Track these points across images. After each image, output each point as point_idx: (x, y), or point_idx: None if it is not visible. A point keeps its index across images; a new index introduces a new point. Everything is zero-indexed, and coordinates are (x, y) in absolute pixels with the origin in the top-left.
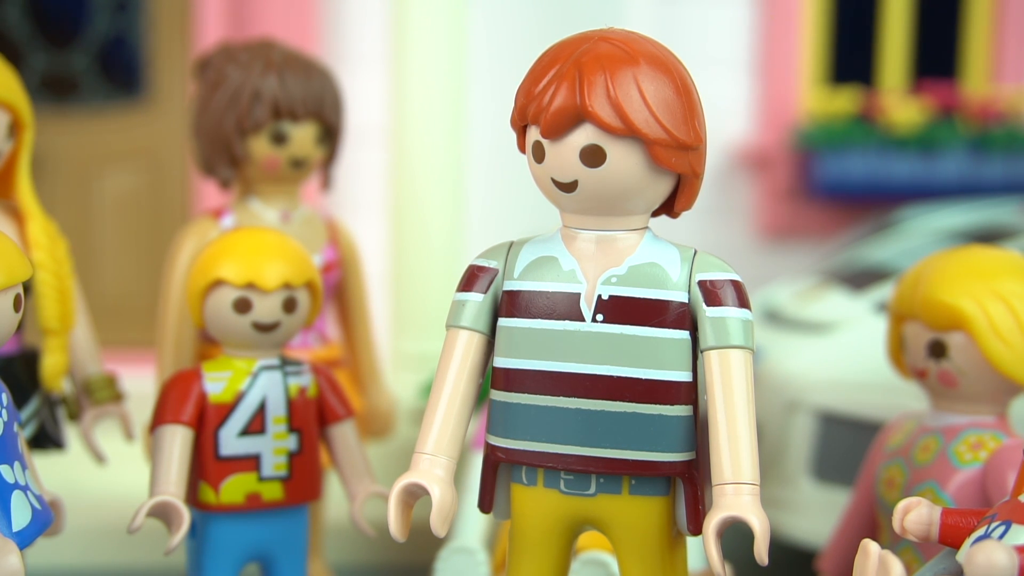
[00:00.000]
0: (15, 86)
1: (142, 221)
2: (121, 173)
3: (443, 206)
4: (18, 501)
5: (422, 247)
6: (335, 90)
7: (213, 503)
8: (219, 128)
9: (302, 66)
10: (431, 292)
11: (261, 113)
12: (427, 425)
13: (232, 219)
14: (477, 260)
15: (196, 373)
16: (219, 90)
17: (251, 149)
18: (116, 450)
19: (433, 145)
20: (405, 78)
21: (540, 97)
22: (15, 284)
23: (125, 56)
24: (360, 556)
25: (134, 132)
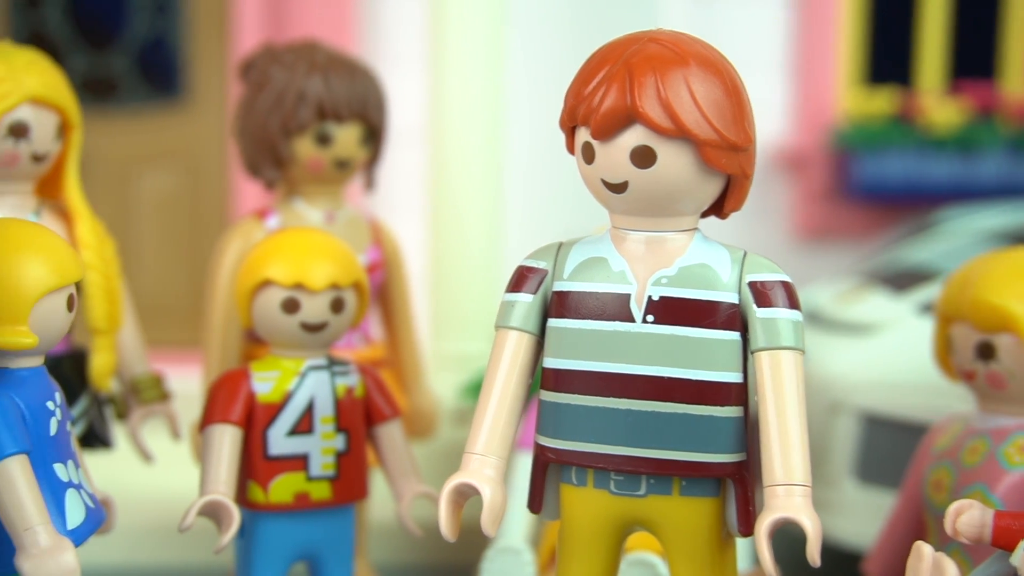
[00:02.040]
0: (64, 88)
1: (180, 221)
2: (160, 174)
3: (481, 206)
4: (72, 499)
5: (461, 248)
6: (379, 91)
7: (262, 502)
8: (264, 129)
9: (346, 67)
10: (470, 293)
11: (306, 114)
12: (477, 425)
13: (277, 220)
14: (526, 261)
15: (244, 373)
16: (264, 91)
17: (296, 150)
18: (162, 449)
19: (471, 145)
20: (443, 78)
21: (590, 98)
22: (68, 284)
23: (164, 58)
24: (403, 556)
25: (173, 133)
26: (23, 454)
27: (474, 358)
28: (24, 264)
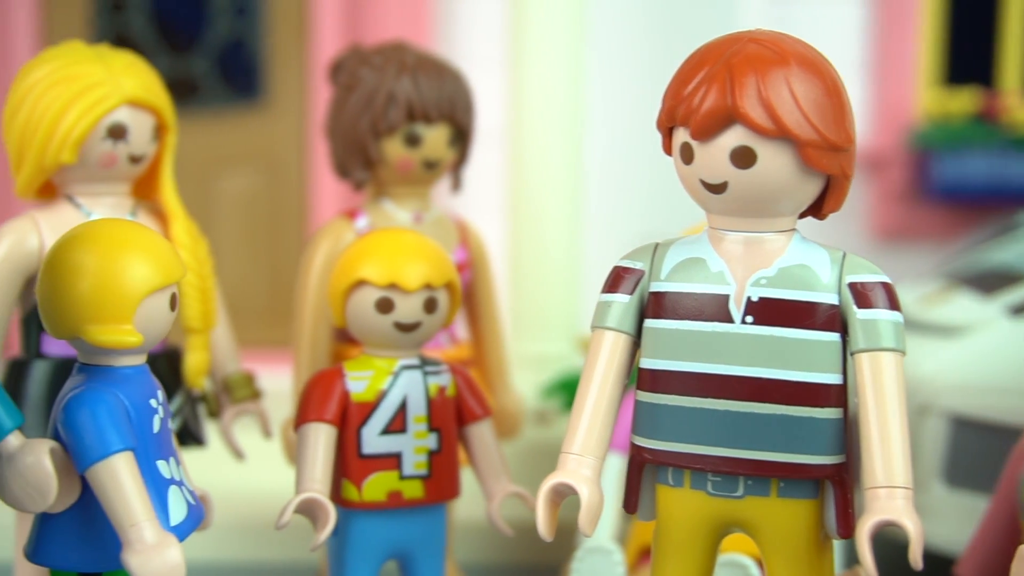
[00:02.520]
0: (160, 90)
1: (259, 222)
2: (239, 174)
3: (560, 207)
4: (174, 496)
5: (540, 248)
6: (467, 92)
7: (356, 500)
8: (354, 130)
9: (435, 68)
10: (549, 293)
11: (395, 115)
12: (574, 425)
13: (366, 220)
14: (622, 261)
15: (338, 372)
16: (353, 93)
17: (385, 151)
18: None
19: (551, 146)
20: (523, 79)
21: (690, 99)
22: (171, 284)
23: (244, 60)
24: (488, 555)
25: (252, 134)
26: (129, 451)
27: (553, 359)
28: (130, 264)
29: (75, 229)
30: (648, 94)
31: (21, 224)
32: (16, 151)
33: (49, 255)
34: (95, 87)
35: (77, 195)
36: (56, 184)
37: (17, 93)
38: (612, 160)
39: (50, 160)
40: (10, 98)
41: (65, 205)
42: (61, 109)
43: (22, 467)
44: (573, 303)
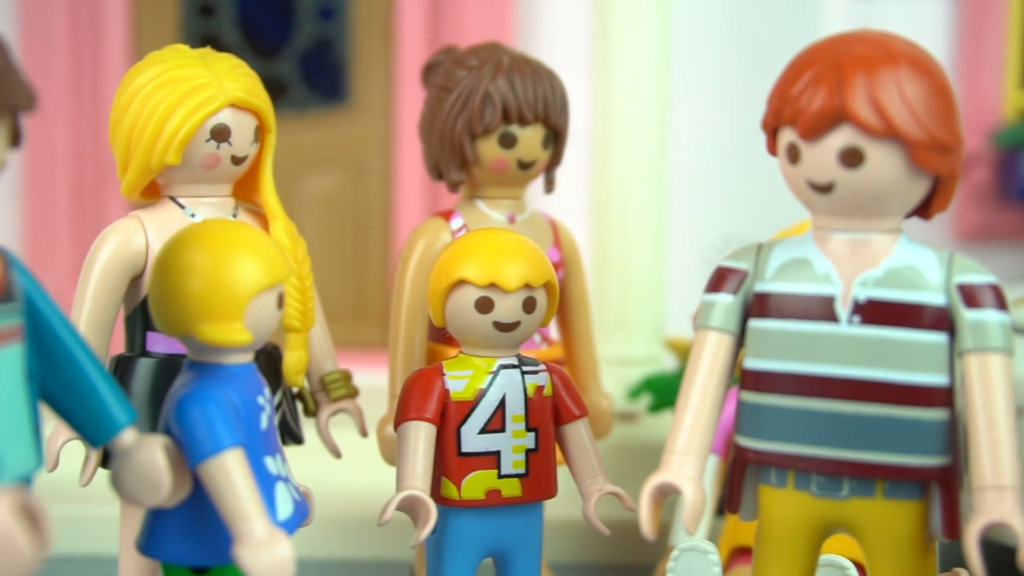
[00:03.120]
0: (262, 92)
1: (343, 223)
2: (324, 175)
3: (645, 209)
4: (281, 492)
5: (624, 250)
6: (562, 93)
7: (455, 499)
8: (450, 132)
9: (530, 69)
10: (633, 295)
11: (491, 116)
12: (677, 424)
13: (460, 221)
14: (726, 262)
15: (438, 371)
16: (449, 94)
17: (480, 152)
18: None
19: (636, 148)
20: (608, 81)
21: (797, 99)
22: (279, 283)
23: (329, 62)
24: (579, 555)
25: (337, 135)
26: (239, 447)
27: (637, 360)
28: (240, 263)
29: (186, 229)
30: (733, 95)
31: (127, 224)
32: (123, 153)
33: (161, 255)
34: (200, 89)
35: (180, 196)
36: (160, 185)
37: (124, 96)
38: (696, 162)
39: (156, 161)
40: (117, 101)
41: (169, 206)
42: (167, 111)
43: (136, 462)
44: (657, 304)
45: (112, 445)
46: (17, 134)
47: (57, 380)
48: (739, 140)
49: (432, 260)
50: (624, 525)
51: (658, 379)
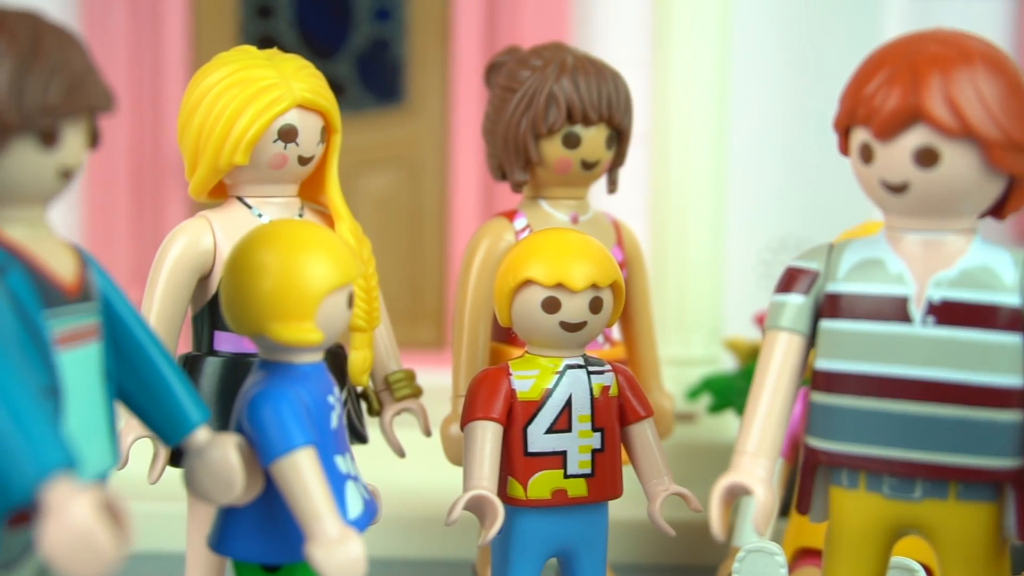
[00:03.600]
0: (328, 93)
1: (399, 223)
2: (381, 176)
3: (704, 210)
4: (351, 491)
5: (682, 251)
6: (626, 93)
7: (522, 498)
8: (514, 132)
9: (594, 69)
10: (691, 296)
11: (556, 117)
12: (748, 425)
13: (524, 220)
14: (796, 262)
15: (504, 371)
16: (513, 94)
17: (544, 152)
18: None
19: (694, 148)
20: (667, 82)
21: (871, 98)
22: (349, 283)
23: (385, 63)
24: (642, 556)
25: (394, 136)
26: (311, 446)
27: (696, 360)
28: (311, 263)
29: (258, 229)
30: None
31: (195, 224)
32: (191, 153)
33: (233, 255)
34: (268, 90)
35: (247, 196)
36: (227, 185)
37: (193, 97)
38: (755, 161)
39: (224, 162)
40: (185, 102)
41: (236, 206)
42: (236, 112)
43: (210, 460)
44: (715, 304)
45: (186, 443)
46: (95, 135)
47: (133, 379)
48: (797, 140)
49: (496, 260)
50: (687, 526)
51: (718, 380)
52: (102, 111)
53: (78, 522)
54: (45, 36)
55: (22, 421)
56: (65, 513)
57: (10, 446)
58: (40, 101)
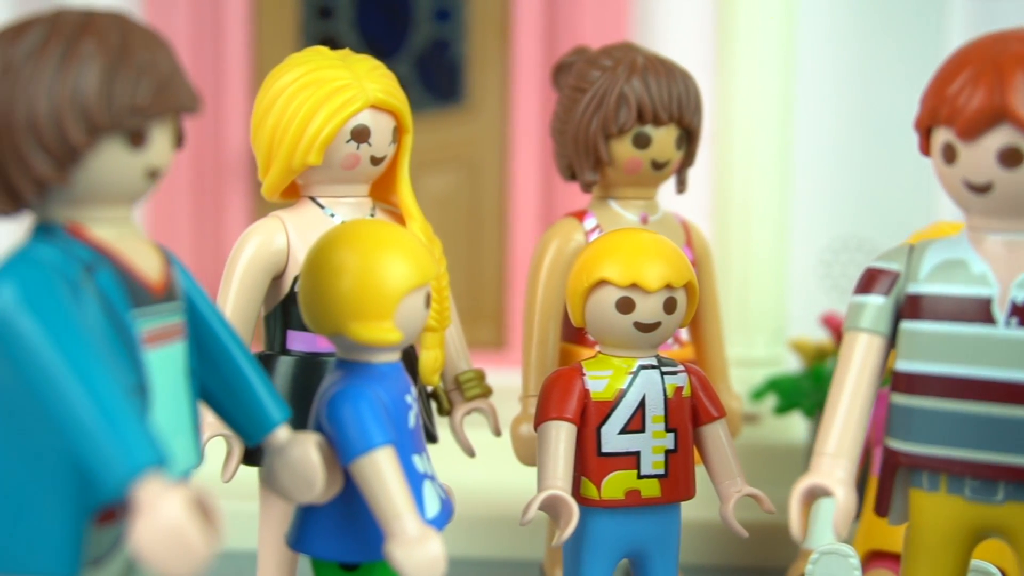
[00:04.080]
0: (400, 93)
1: (459, 222)
2: (440, 176)
3: (767, 210)
4: (428, 490)
5: (745, 251)
6: (696, 93)
7: (595, 498)
8: (585, 132)
9: (665, 69)
10: (754, 296)
11: (626, 117)
12: (827, 427)
13: (594, 221)
14: (876, 263)
15: (578, 371)
16: (584, 94)
17: (614, 152)
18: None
19: (758, 148)
20: (731, 82)
21: (955, 98)
22: (427, 283)
23: (445, 63)
24: (711, 557)
25: (453, 136)
26: (390, 445)
27: (759, 361)
28: (390, 263)
29: (336, 229)
30: (856, 95)
31: (269, 224)
32: (265, 153)
33: (311, 254)
34: (341, 91)
35: (320, 196)
36: (300, 185)
37: (266, 97)
38: (819, 162)
39: (297, 162)
40: (259, 103)
41: (308, 206)
42: (309, 112)
43: (291, 459)
44: (779, 305)
45: (266, 442)
46: (180, 135)
47: (215, 377)
48: (862, 140)
49: (565, 260)
50: (757, 527)
51: (784, 381)
52: (189, 112)
53: (170, 519)
54: (133, 37)
55: (113, 419)
56: (157, 510)
57: (102, 443)
58: (129, 102)
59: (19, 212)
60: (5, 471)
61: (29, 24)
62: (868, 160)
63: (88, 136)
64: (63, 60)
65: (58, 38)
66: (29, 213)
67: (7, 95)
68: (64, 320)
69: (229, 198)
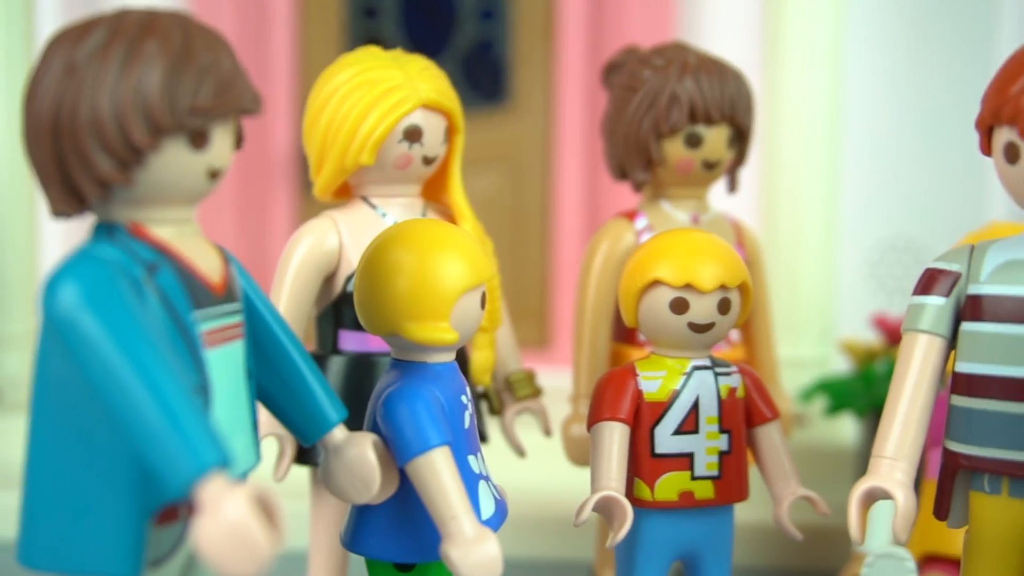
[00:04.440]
0: (451, 93)
1: (502, 222)
2: (484, 175)
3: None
4: (484, 491)
5: (793, 251)
6: (748, 93)
7: (648, 500)
8: (636, 131)
9: (717, 69)
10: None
11: (678, 116)
12: (886, 429)
13: (644, 221)
14: (936, 263)
15: (631, 371)
16: (636, 94)
17: (666, 152)
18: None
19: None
20: (779, 81)
21: (1018, 98)
22: (483, 283)
23: (490, 63)
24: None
25: (498, 136)
26: (446, 445)
27: (807, 362)
28: (446, 263)
29: (391, 229)
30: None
31: (321, 224)
32: (318, 153)
33: (367, 254)
34: (394, 91)
35: (372, 196)
36: (351, 185)
37: (319, 98)
38: (868, 162)
39: (350, 162)
40: (312, 103)
41: (360, 206)
42: (362, 112)
43: (348, 459)
44: (826, 305)
45: (322, 442)
46: (240, 136)
47: (272, 377)
48: (911, 140)
49: (616, 261)
50: (809, 529)
51: (835, 382)
52: (250, 113)
53: (234, 518)
54: (195, 37)
55: (178, 418)
56: (221, 509)
57: (167, 443)
58: (191, 103)
59: (82, 213)
60: (67, 470)
61: (92, 24)
62: (916, 159)
63: (151, 137)
64: (126, 61)
65: (121, 39)
66: (90, 214)
67: (71, 96)
68: (128, 319)
69: (274, 198)
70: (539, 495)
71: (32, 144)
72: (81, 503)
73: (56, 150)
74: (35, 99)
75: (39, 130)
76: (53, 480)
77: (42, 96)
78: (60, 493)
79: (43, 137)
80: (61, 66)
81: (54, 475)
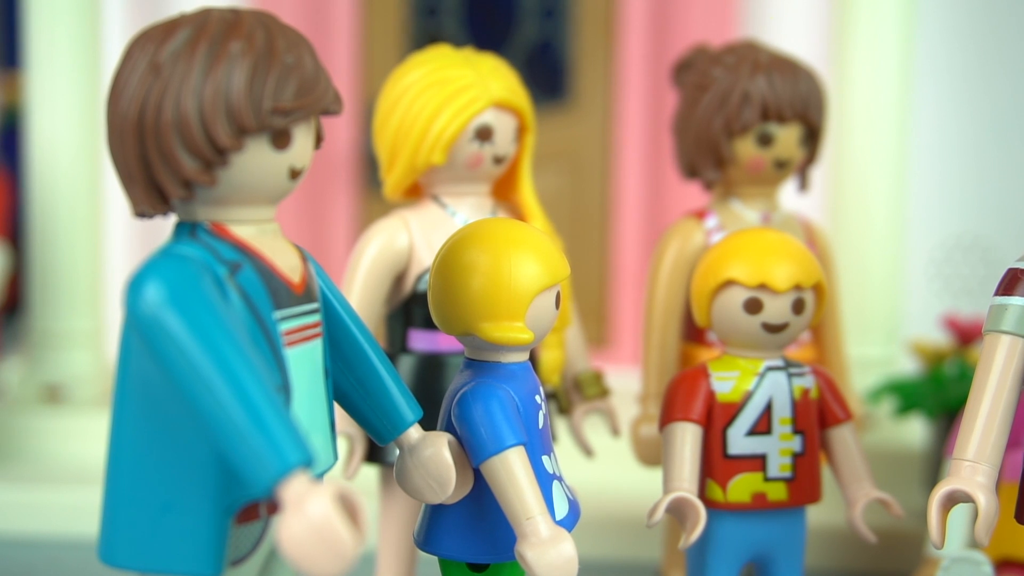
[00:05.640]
0: (522, 92)
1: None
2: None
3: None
4: (557, 491)
5: (861, 250)
6: (820, 91)
7: (721, 501)
8: (707, 130)
9: (789, 67)
10: (868, 295)
11: (750, 115)
12: (967, 431)
13: (715, 220)
14: (1019, 263)
15: (703, 372)
16: (706, 92)
17: (737, 150)
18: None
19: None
20: (848, 79)
21: None
22: (558, 283)
23: (551, 61)
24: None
25: (558, 134)
26: (522, 445)
27: (874, 362)
28: (522, 263)
29: (466, 228)
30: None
31: (392, 223)
32: (388, 152)
33: (442, 254)
34: (465, 90)
35: (442, 195)
36: (422, 185)
37: (390, 97)
38: (937, 159)
39: (421, 161)
40: (382, 102)
41: (431, 205)
42: (434, 111)
43: (423, 458)
44: (894, 305)
45: (397, 442)
46: (320, 135)
47: (349, 376)
48: (980, 138)
49: (686, 260)
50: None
51: (904, 383)
52: (333, 114)
53: (319, 517)
54: (278, 37)
55: (262, 417)
56: (306, 508)
57: (252, 441)
58: (275, 103)
59: (165, 213)
60: (149, 468)
61: (176, 24)
62: (983, 157)
63: (235, 138)
64: (211, 61)
65: (205, 38)
66: (173, 214)
67: (155, 96)
68: (212, 317)
69: (335, 196)
70: (605, 495)
71: (116, 144)
72: (163, 501)
73: (140, 150)
74: (119, 99)
75: (123, 130)
76: (135, 478)
77: (126, 96)
78: (142, 491)
79: (127, 137)
80: (146, 66)
81: (136, 473)
